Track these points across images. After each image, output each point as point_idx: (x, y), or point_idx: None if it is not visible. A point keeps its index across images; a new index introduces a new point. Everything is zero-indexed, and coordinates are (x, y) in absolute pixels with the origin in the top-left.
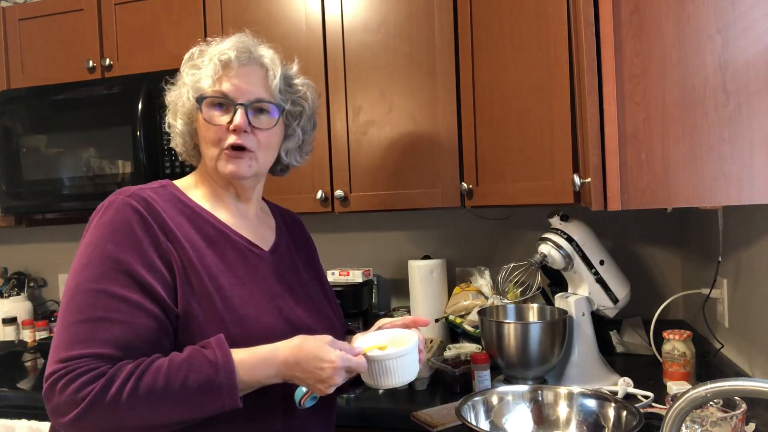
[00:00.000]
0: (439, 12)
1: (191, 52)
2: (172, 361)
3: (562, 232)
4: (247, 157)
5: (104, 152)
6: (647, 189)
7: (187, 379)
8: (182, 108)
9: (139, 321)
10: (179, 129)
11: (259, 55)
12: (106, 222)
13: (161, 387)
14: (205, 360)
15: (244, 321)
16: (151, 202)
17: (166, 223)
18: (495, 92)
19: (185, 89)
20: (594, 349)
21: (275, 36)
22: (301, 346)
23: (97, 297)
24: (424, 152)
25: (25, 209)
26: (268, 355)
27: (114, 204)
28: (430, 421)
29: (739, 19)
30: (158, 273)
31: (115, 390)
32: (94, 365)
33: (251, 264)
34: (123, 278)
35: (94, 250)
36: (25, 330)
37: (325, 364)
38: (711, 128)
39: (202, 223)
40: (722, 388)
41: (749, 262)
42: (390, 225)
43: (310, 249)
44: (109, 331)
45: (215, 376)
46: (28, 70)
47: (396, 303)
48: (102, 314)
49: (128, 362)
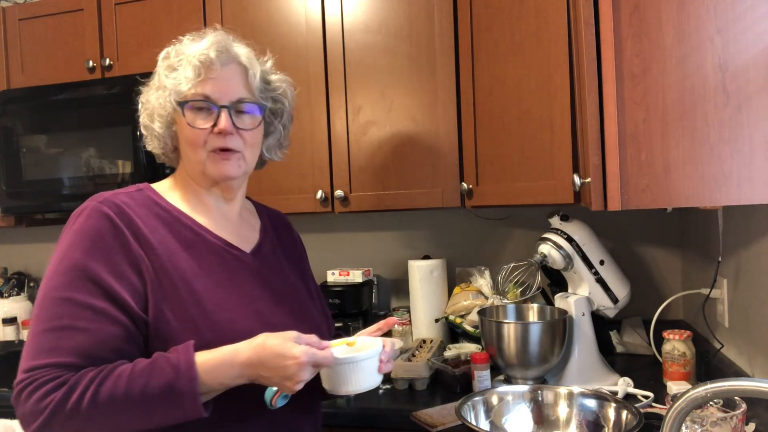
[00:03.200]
0: (439, 12)
1: (166, 52)
2: (135, 367)
3: (562, 232)
4: (235, 158)
5: (104, 152)
6: (647, 189)
7: (148, 386)
8: (160, 110)
9: (104, 328)
10: (157, 132)
11: (236, 54)
12: (77, 229)
13: (121, 394)
14: (167, 365)
15: (218, 326)
16: (123, 207)
17: (139, 228)
18: (495, 92)
19: (165, 92)
20: (594, 349)
21: (275, 36)
22: (263, 345)
23: (63, 305)
24: (424, 152)
25: (25, 209)
26: (229, 356)
27: (85, 211)
28: (430, 421)
29: (739, 19)
30: (126, 280)
31: (75, 398)
32: (57, 374)
33: (230, 267)
34: (89, 286)
35: (63, 258)
36: (25, 330)
37: (289, 360)
38: (711, 128)
39: (179, 226)
40: (722, 388)
41: (749, 262)
42: (390, 225)
43: (298, 250)
44: (72, 340)
45: (176, 382)
46: (28, 70)
47: (396, 303)
48: (67, 323)
49: (91, 369)
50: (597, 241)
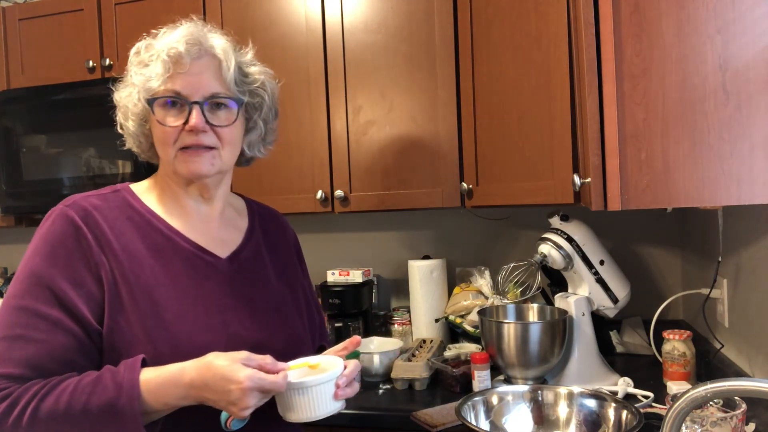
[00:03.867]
0: (439, 12)
1: (137, 47)
2: (80, 382)
3: (562, 232)
4: (209, 155)
5: (104, 152)
6: (647, 189)
7: (89, 403)
8: (133, 109)
9: (57, 339)
10: (132, 131)
11: (210, 46)
12: (41, 234)
13: (62, 410)
14: (111, 382)
15: (175, 339)
16: (90, 211)
17: (104, 234)
18: (495, 92)
19: (134, 90)
20: (594, 349)
21: (275, 36)
22: (209, 366)
23: (19, 314)
24: (424, 152)
25: (25, 209)
26: (174, 376)
27: (52, 215)
28: (430, 421)
29: (739, 19)
30: (85, 288)
31: (17, 412)
32: (4, 385)
33: (200, 274)
34: (45, 294)
35: (25, 264)
36: None
37: (233, 385)
38: (711, 128)
39: (150, 229)
40: (722, 388)
41: (749, 262)
42: (390, 225)
43: (289, 252)
44: (23, 350)
45: (117, 401)
46: (28, 70)
47: (396, 303)
48: (20, 332)
49: (37, 382)
50: (597, 241)
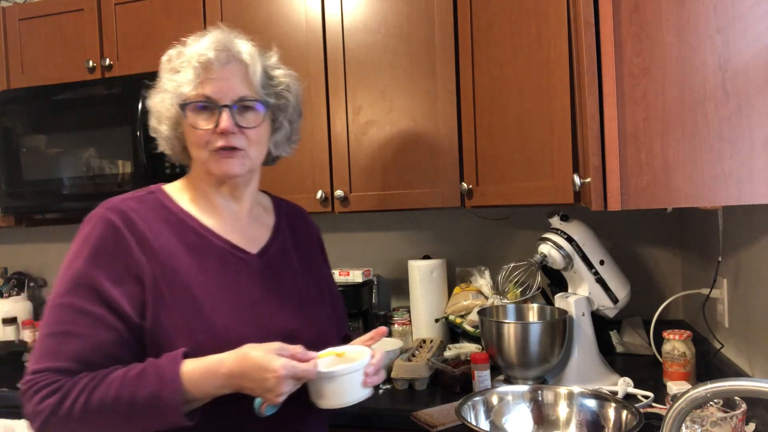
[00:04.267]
0: (439, 12)
1: (168, 55)
2: (126, 375)
3: (562, 232)
4: (239, 156)
5: (104, 152)
6: (647, 189)
7: (135, 395)
8: (166, 114)
9: (100, 334)
10: (165, 134)
11: (237, 52)
12: (83, 237)
13: (111, 402)
14: (154, 375)
15: (214, 330)
16: (129, 213)
17: (143, 235)
18: (495, 92)
19: (167, 95)
20: (594, 349)
21: (275, 36)
22: (246, 356)
23: (64, 311)
24: (424, 152)
25: (25, 209)
26: (213, 367)
27: (92, 218)
28: (430, 421)
29: (739, 19)
30: (125, 287)
31: (69, 403)
32: (54, 379)
33: (233, 269)
34: (89, 293)
35: (69, 265)
36: (25, 330)
37: (269, 374)
38: (711, 128)
39: (185, 229)
40: (722, 388)
41: (749, 262)
42: (390, 225)
43: (315, 249)
44: (71, 345)
45: (160, 393)
46: (28, 70)
47: (396, 303)
48: (66, 328)
49: (85, 375)
50: (597, 241)
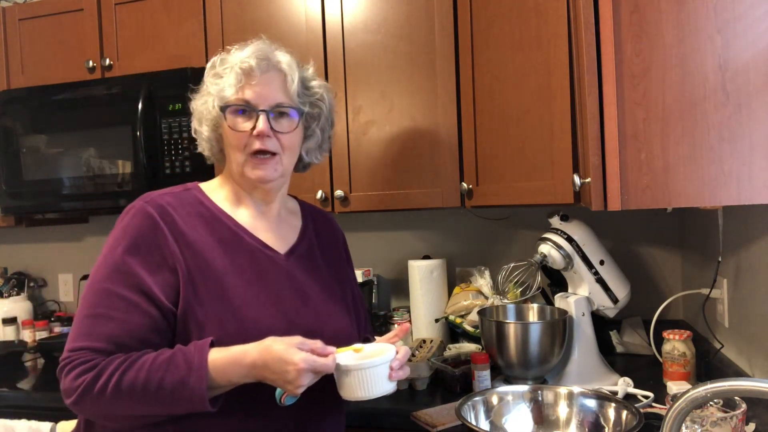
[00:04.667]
0: (439, 12)
1: (213, 61)
2: (156, 359)
3: (562, 232)
4: (273, 161)
5: (104, 152)
6: (647, 189)
7: (164, 380)
8: (207, 115)
9: (133, 319)
10: (205, 135)
11: (277, 62)
12: (123, 227)
13: (141, 384)
14: (182, 362)
15: (243, 322)
16: (166, 207)
17: (178, 228)
18: (495, 92)
19: (210, 98)
20: (594, 349)
21: (275, 36)
22: (269, 348)
23: (102, 295)
24: (424, 152)
25: (25, 209)
26: (238, 356)
27: (132, 210)
28: (430, 421)
29: (739, 19)
30: (160, 276)
31: (102, 382)
32: (90, 357)
33: (262, 266)
34: (125, 279)
35: (108, 252)
36: (25, 330)
37: (290, 366)
38: (711, 128)
39: (219, 225)
40: (722, 388)
41: (749, 262)
42: (390, 225)
43: (338, 251)
44: (106, 327)
45: (187, 379)
46: (28, 70)
47: (396, 303)
48: (103, 311)
49: (118, 356)
50: (597, 241)
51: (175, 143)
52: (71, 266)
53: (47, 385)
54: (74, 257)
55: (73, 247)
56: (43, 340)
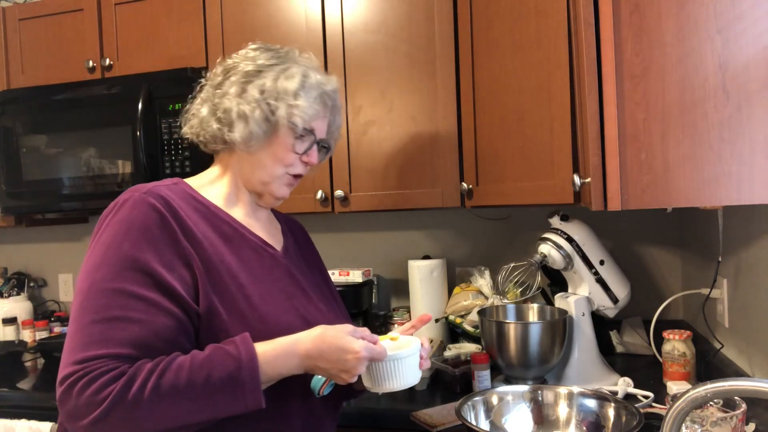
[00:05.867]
0: (439, 12)
1: (305, 72)
2: (194, 358)
3: (562, 232)
4: (296, 183)
5: (104, 152)
6: (647, 189)
7: (211, 377)
8: (265, 108)
9: (158, 320)
10: (253, 129)
11: (339, 106)
12: (122, 219)
13: (184, 384)
14: (228, 357)
15: (266, 319)
16: (168, 199)
17: (185, 221)
18: (495, 92)
19: (284, 106)
20: (594, 349)
21: (275, 36)
22: (323, 337)
23: (114, 296)
24: (424, 152)
25: (25, 209)
26: (289, 347)
27: (129, 201)
28: (430, 421)
29: (739, 19)
30: (177, 272)
31: (136, 389)
32: (113, 365)
33: (266, 263)
34: (140, 276)
35: (109, 248)
36: (25, 330)
37: (350, 355)
38: (711, 128)
39: (218, 221)
40: (722, 388)
41: (749, 262)
42: (390, 225)
43: (315, 254)
44: (126, 331)
45: (238, 374)
46: (28, 70)
47: (396, 303)
48: (119, 313)
49: (147, 361)
50: (597, 241)
51: (175, 143)
52: (71, 266)
53: (47, 385)
54: (74, 257)
55: (73, 247)
56: (43, 340)
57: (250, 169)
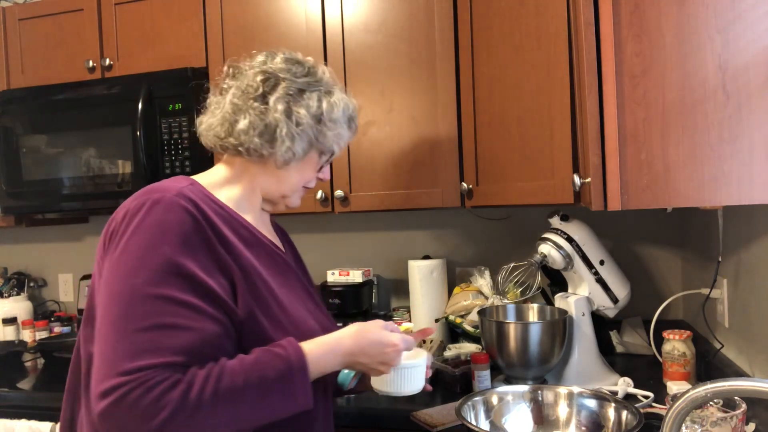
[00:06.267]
0: (439, 12)
1: (354, 105)
2: (244, 361)
3: (562, 232)
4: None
5: (104, 152)
6: (647, 189)
7: (263, 378)
8: (314, 141)
9: (206, 326)
10: (296, 150)
11: None
12: (156, 222)
13: (240, 387)
14: (277, 358)
15: (296, 323)
16: (198, 202)
17: (216, 225)
18: (495, 92)
19: (328, 133)
20: (594, 349)
21: (275, 36)
22: (362, 334)
23: (159, 303)
24: (424, 152)
25: (25, 209)
26: (332, 345)
27: (161, 204)
28: (430, 421)
29: (739, 19)
30: (215, 278)
31: (195, 395)
32: (168, 374)
33: (281, 268)
34: (183, 282)
35: (147, 251)
36: (25, 330)
37: (389, 348)
38: (711, 128)
39: (237, 225)
40: (722, 388)
41: (749, 262)
42: (390, 225)
43: (299, 257)
44: (176, 338)
45: (289, 374)
46: (28, 70)
47: (396, 303)
48: (167, 321)
49: (199, 368)
50: (597, 241)
51: (174, 143)
52: (71, 266)
53: (47, 385)
54: (74, 257)
55: (73, 247)
56: (43, 340)
57: (276, 183)
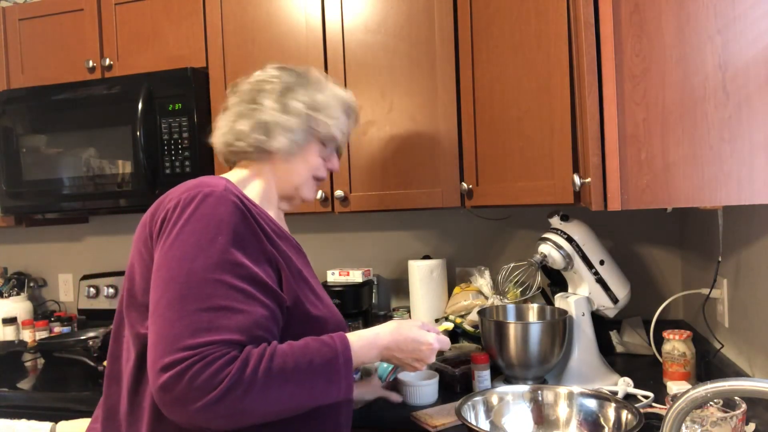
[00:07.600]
0: (439, 12)
1: (350, 101)
2: (293, 346)
3: (562, 232)
4: (318, 186)
5: (104, 152)
6: (647, 189)
7: (312, 363)
8: (311, 128)
9: (257, 310)
10: (296, 139)
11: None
12: (209, 214)
13: (291, 369)
14: (325, 346)
15: (331, 314)
16: (242, 198)
17: (258, 219)
18: (495, 92)
19: (325, 119)
20: (594, 349)
21: (275, 36)
22: (399, 331)
23: (216, 286)
24: (424, 152)
25: (25, 209)
26: (372, 339)
27: (212, 197)
28: (430, 421)
29: (739, 19)
30: (263, 267)
31: (250, 371)
32: (226, 350)
33: (304, 262)
34: (236, 269)
35: (202, 239)
36: (25, 330)
37: (424, 346)
38: (711, 128)
39: (267, 220)
40: (722, 388)
41: (749, 262)
42: (390, 225)
43: None
44: (232, 319)
45: (335, 362)
46: (28, 70)
47: (396, 303)
48: (223, 303)
49: (253, 347)
50: (597, 241)
51: (174, 143)
52: (71, 266)
53: (47, 385)
54: (74, 257)
55: (73, 247)
56: (43, 340)
57: (286, 176)
